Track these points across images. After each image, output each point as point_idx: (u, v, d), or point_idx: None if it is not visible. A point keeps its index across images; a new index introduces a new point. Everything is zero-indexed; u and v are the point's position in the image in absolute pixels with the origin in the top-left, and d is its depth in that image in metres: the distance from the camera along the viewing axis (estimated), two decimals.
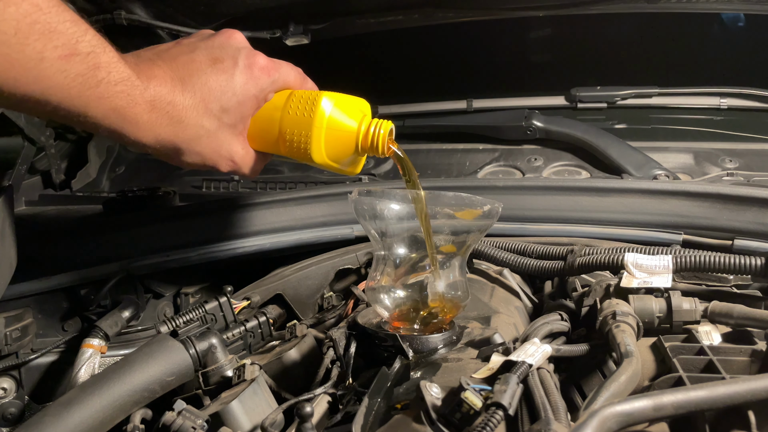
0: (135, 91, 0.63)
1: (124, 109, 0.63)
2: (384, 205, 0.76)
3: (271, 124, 0.77)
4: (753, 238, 0.90)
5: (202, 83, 0.71)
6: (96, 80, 0.59)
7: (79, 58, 0.57)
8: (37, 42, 0.53)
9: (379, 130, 0.77)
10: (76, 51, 0.56)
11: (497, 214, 0.77)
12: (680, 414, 0.48)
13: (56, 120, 0.62)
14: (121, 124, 0.64)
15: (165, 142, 0.69)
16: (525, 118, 1.38)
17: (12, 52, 0.52)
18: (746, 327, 0.67)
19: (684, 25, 1.45)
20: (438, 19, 1.25)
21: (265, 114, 0.77)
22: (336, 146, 0.77)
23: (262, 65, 0.75)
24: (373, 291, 0.76)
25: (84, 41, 0.57)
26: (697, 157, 1.28)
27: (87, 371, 0.89)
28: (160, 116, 0.67)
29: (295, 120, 0.76)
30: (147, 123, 0.66)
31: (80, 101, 0.59)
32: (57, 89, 0.56)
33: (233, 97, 0.73)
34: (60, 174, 1.47)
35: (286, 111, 0.76)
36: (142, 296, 1.09)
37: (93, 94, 0.59)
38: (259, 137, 0.78)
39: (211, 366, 0.75)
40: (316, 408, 0.68)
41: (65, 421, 0.62)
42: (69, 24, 0.55)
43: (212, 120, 0.72)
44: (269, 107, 0.78)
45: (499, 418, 0.49)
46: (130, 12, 1.04)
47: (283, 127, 0.76)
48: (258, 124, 0.78)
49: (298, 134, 0.75)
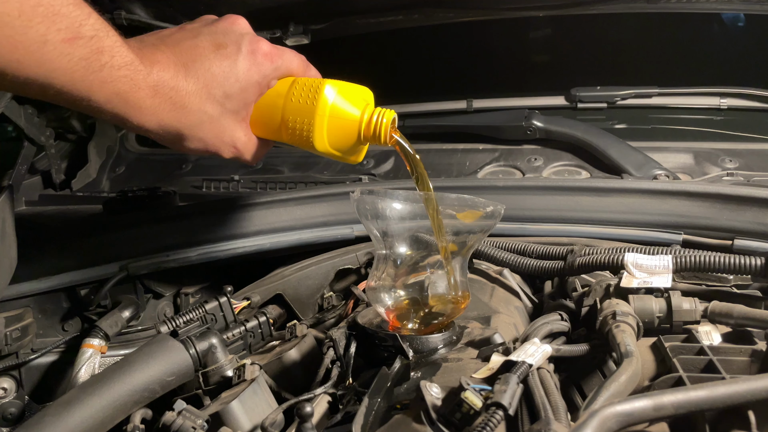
0: (138, 76, 0.63)
1: (127, 94, 0.63)
2: (386, 205, 0.76)
3: (273, 110, 0.77)
4: (753, 238, 0.90)
5: (206, 69, 0.70)
6: (99, 64, 0.59)
7: (83, 42, 0.56)
8: (41, 25, 0.53)
9: (382, 119, 0.76)
10: (80, 34, 0.56)
11: (500, 216, 0.77)
12: (680, 414, 0.48)
13: (60, 104, 0.61)
14: (124, 108, 0.64)
15: (168, 127, 0.69)
16: (525, 118, 1.38)
17: (15, 34, 0.52)
18: (746, 327, 0.67)
19: (684, 25, 1.45)
20: (438, 19, 1.25)
21: (268, 100, 0.77)
22: (338, 134, 0.77)
23: (265, 51, 0.75)
24: (373, 291, 0.76)
25: (87, 25, 0.57)
26: (697, 157, 1.28)
27: (87, 371, 0.89)
28: (163, 101, 0.67)
29: (297, 107, 0.75)
30: (150, 108, 0.66)
31: (83, 85, 0.59)
32: (60, 72, 0.56)
33: (236, 83, 0.72)
34: (60, 174, 1.47)
35: (288, 98, 0.76)
36: (142, 296, 1.09)
37: (96, 78, 0.59)
38: (261, 124, 0.78)
39: (211, 366, 0.75)
40: (316, 408, 0.68)
41: (65, 421, 0.62)
42: (72, 7, 0.55)
43: (215, 106, 0.72)
44: (272, 94, 0.77)
45: (499, 418, 0.49)
46: (130, 12, 1.04)
47: (285, 114, 0.76)
48: (261, 111, 0.77)
49: (301, 121, 0.75)
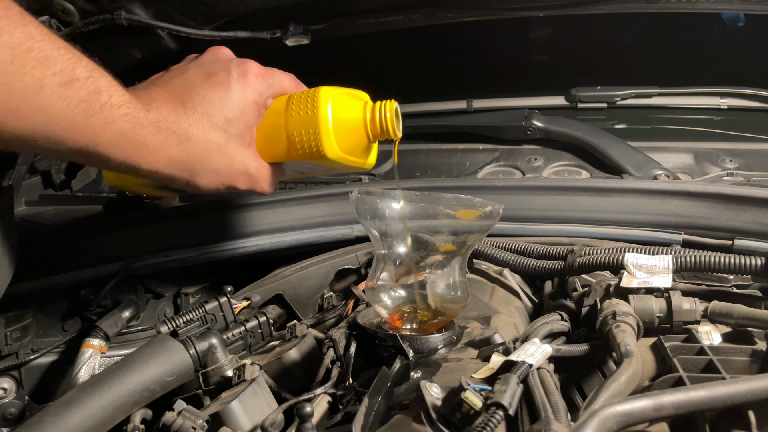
0: (139, 113, 0.63)
1: (131, 132, 0.62)
2: (385, 205, 0.76)
3: (277, 131, 0.76)
4: (753, 238, 0.90)
5: (201, 98, 0.70)
6: (99, 104, 0.58)
7: (79, 84, 0.56)
8: (35, 69, 0.52)
9: (385, 111, 0.76)
10: (75, 76, 0.55)
11: (498, 215, 0.77)
12: (680, 414, 0.48)
13: (66, 157, 0.60)
14: (131, 149, 0.63)
15: (178, 163, 0.68)
16: (525, 118, 1.38)
17: (11, 81, 0.51)
18: (746, 327, 0.67)
19: (684, 25, 1.45)
20: (438, 19, 1.25)
21: (269, 122, 0.77)
22: (346, 137, 0.76)
23: (255, 72, 0.75)
24: (373, 291, 0.76)
25: (80, 66, 0.56)
26: (697, 157, 1.28)
27: (87, 371, 0.89)
28: (168, 137, 0.66)
29: (299, 120, 0.75)
30: (156, 145, 0.65)
31: (86, 129, 0.58)
32: (61, 118, 0.56)
33: (234, 106, 0.72)
34: (60, 174, 1.47)
35: (288, 114, 0.76)
36: (142, 296, 1.09)
37: (98, 120, 0.58)
38: (268, 147, 0.77)
39: (211, 366, 0.75)
40: (316, 408, 0.68)
41: (65, 421, 0.62)
42: (63, 51, 0.55)
43: (219, 133, 0.71)
44: (271, 115, 0.77)
45: (499, 418, 0.49)
46: (130, 12, 1.04)
47: (289, 130, 0.76)
48: (264, 135, 0.77)
49: (307, 134, 0.75)
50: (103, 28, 1.04)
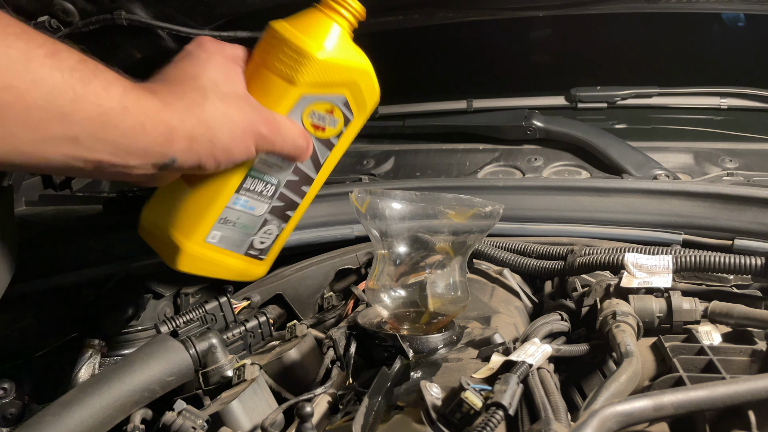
0: (129, 83, 0.59)
1: (133, 90, 0.58)
2: (385, 204, 0.76)
3: (264, 78, 0.72)
4: (753, 238, 0.90)
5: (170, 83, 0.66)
6: (91, 70, 0.56)
7: (65, 53, 0.54)
8: (19, 41, 0.51)
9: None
10: (58, 48, 0.54)
11: (498, 216, 0.77)
12: (680, 414, 0.48)
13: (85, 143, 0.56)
14: (138, 107, 0.58)
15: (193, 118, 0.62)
16: (525, 118, 1.38)
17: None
18: (746, 327, 0.67)
19: (684, 25, 1.45)
20: (438, 19, 1.25)
21: (252, 75, 0.73)
22: (314, 32, 0.73)
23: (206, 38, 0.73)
24: (373, 291, 0.76)
25: (53, 41, 0.54)
26: (697, 157, 1.28)
27: (87, 371, 0.89)
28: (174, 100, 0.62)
29: (272, 52, 0.72)
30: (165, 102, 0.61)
31: (90, 96, 0.55)
32: (61, 89, 0.53)
33: (205, 69, 0.68)
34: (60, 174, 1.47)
35: (263, 58, 0.73)
36: (142, 296, 1.09)
37: (99, 84, 0.55)
38: (266, 97, 0.72)
39: (211, 366, 0.75)
40: (316, 408, 0.68)
41: (65, 421, 0.62)
42: (32, 30, 0.53)
43: (214, 96, 0.66)
44: (249, 72, 0.73)
45: (499, 418, 0.49)
46: (130, 12, 1.04)
47: (270, 65, 0.72)
48: (258, 93, 0.72)
49: (285, 54, 0.72)
50: (103, 28, 1.04)
